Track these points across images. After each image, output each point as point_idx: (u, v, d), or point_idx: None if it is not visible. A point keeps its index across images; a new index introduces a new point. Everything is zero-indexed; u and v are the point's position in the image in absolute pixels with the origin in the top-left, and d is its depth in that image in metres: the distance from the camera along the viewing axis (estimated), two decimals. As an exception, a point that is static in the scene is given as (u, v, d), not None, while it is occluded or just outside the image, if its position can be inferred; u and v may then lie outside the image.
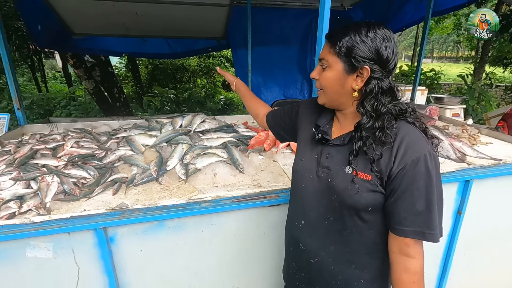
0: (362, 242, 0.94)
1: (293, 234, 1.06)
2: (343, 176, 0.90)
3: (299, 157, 1.03)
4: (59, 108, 6.45)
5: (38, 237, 1.11)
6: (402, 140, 0.85)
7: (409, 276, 0.87)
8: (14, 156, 1.53)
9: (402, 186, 0.83)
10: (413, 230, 0.83)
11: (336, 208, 0.92)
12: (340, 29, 0.87)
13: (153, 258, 1.28)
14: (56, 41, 3.33)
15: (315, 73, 0.95)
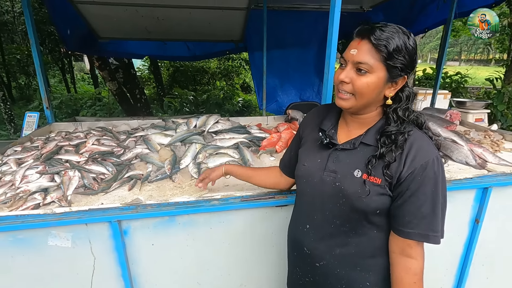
0: (368, 244, 0.95)
1: (297, 239, 1.06)
2: (352, 180, 0.90)
3: (301, 162, 1.03)
4: (85, 108, 6.79)
5: (59, 227, 1.19)
6: (411, 145, 0.87)
7: (409, 276, 0.89)
8: (41, 152, 1.65)
9: (410, 190, 0.85)
10: (417, 232, 0.85)
11: (344, 211, 0.92)
12: (384, 31, 0.81)
13: (164, 252, 1.33)
14: (84, 44, 3.53)
15: (344, 76, 0.86)
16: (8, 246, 1.18)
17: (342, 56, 0.90)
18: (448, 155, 1.95)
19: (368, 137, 0.92)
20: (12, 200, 1.32)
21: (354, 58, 0.84)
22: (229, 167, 1.33)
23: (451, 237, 1.65)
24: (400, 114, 0.88)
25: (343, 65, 0.89)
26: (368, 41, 0.82)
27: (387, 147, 0.86)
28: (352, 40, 0.88)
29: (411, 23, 4.08)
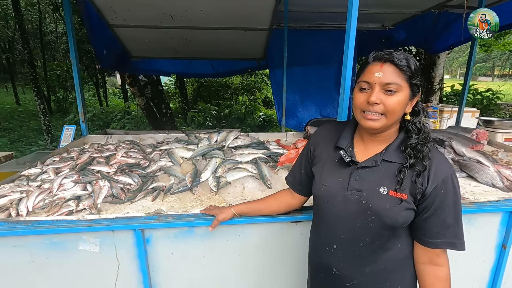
0: (394, 258, 0.99)
1: (323, 261, 1.07)
2: (379, 197, 0.93)
3: (321, 182, 1.04)
4: (115, 121, 7.21)
5: (89, 233, 1.29)
6: (431, 161, 0.92)
7: (441, 283, 0.95)
8: (76, 162, 1.80)
9: (435, 203, 0.91)
10: (445, 241, 0.93)
11: (374, 228, 0.95)
12: (399, 54, 0.89)
13: (182, 262, 1.39)
14: (118, 63, 3.82)
15: (375, 98, 0.89)
16: (44, 248, 1.29)
17: (360, 80, 0.94)
18: (473, 176, 1.89)
19: (388, 154, 0.96)
20: (49, 206, 1.45)
21: (381, 80, 0.89)
22: (238, 209, 1.29)
23: (476, 262, 1.58)
24: (418, 126, 0.96)
25: (366, 89, 0.92)
26: (391, 64, 0.89)
27: (415, 158, 0.91)
28: (369, 65, 0.92)
29: (435, 40, 4.04)
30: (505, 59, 32.91)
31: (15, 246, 1.28)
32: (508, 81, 27.63)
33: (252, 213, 1.32)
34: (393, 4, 3.25)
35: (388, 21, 3.89)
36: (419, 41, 4.24)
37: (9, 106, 15.02)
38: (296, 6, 3.18)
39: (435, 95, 5.75)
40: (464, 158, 2.06)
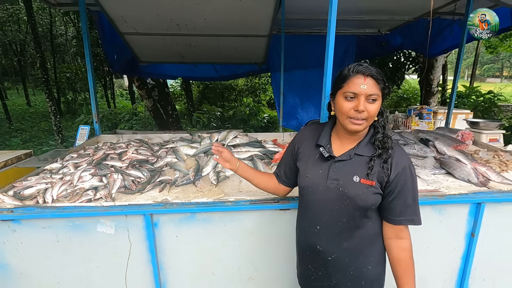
0: (367, 234, 1.19)
1: (309, 240, 1.26)
2: (352, 185, 1.13)
3: (305, 174, 1.23)
4: (123, 122, 7.48)
5: (106, 216, 1.51)
6: (393, 153, 1.14)
7: (405, 253, 1.16)
8: (92, 158, 2.02)
9: (397, 188, 1.12)
10: (406, 218, 1.14)
11: (349, 210, 1.15)
12: (374, 68, 1.08)
13: (185, 244, 1.60)
14: (127, 67, 4.07)
15: (363, 107, 1.06)
16: (68, 229, 1.51)
17: (346, 91, 1.09)
18: (451, 172, 2.06)
19: (360, 149, 1.17)
20: (71, 195, 1.68)
21: (366, 92, 1.06)
22: (242, 163, 1.46)
23: (448, 248, 1.75)
24: (383, 123, 1.18)
25: (351, 98, 1.09)
26: (371, 77, 1.08)
27: (382, 148, 1.13)
28: (352, 77, 1.09)
29: (430, 45, 4.20)
30: (513, 60, 32.56)
31: (43, 227, 1.50)
32: (516, 83, 27.40)
33: (247, 171, 1.46)
34: (387, 12, 3.43)
35: (384, 27, 4.07)
36: (414, 45, 4.40)
37: (21, 107, 15.49)
38: (293, 14, 3.38)
39: (434, 97, 5.88)
40: (444, 157, 2.24)
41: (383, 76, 1.10)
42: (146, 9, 2.85)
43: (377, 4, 3.21)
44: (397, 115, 4.21)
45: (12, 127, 10.65)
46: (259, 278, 1.71)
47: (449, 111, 3.06)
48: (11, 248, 1.51)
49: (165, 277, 1.65)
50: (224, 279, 1.69)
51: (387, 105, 10.66)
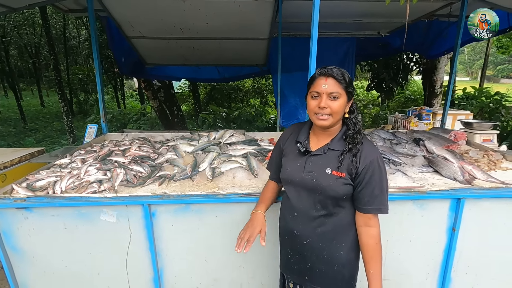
0: (339, 223, 1.30)
1: (288, 226, 1.39)
2: (325, 176, 1.25)
3: (285, 168, 1.38)
4: (132, 122, 7.72)
5: (108, 206, 1.66)
6: (362, 148, 1.25)
7: (373, 240, 1.25)
8: (98, 154, 2.18)
9: (365, 179, 1.22)
10: (374, 207, 1.23)
11: (322, 199, 1.27)
12: (337, 70, 1.20)
13: (181, 233, 1.74)
14: (134, 69, 4.26)
15: (324, 104, 1.19)
16: (74, 217, 1.67)
17: (311, 91, 1.25)
18: (438, 170, 2.14)
19: (333, 144, 1.29)
20: (78, 187, 1.83)
21: (327, 91, 1.20)
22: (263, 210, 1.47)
23: (429, 242, 1.84)
24: (354, 121, 1.29)
25: (316, 97, 1.24)
26: (332, 78, 1.21)
27: (352, 144, 1.24)
28: (316, 79, 1.24)
29: (429, 47, 4.25)
30: (528, 61, 31.71)
31: (52, 215, 1.66)
32: (530, 84, 26.68)
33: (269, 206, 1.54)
34: (384, 15, 3.51)
35: (383, 29, 4.14)
36: (414, 47, 4.46)
37: (35, 107, 16.03)
38: (292, 17, 3.50)
39: (437, 98, 5.89)
40: (433, 155, 2.32)
41: (348, 77, 1.22)
42: (150, 15, 3.02)
43: (373, 8, 3.29)
44: (396, 115, 4.26)
45: (26, 126, 11.06)
46: (249, 266, 1.83)
47: (444, 112, 3.12)
48: (24, 234, 1.68)
49: (162, 263, 1.79)
50: (217, 267, 1.82)
51: (394, 106, 10.62)
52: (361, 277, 1.36)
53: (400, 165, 2.22)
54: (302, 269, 1.36)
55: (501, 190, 1.78)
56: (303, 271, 1.36)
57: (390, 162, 2.24)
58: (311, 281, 1.34)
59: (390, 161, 2.25)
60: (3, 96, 18.27)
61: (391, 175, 2.05)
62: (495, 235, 1.84)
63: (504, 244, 1.85)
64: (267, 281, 1.86)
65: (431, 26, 3.92)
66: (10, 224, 1.65)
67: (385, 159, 2.24)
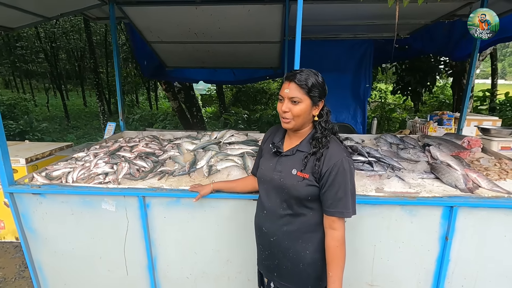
0: (306, 223, 1.32)
1: (258, 222, 1.46)
2: (290, 176, 1.29)
3: (260, 167, 1.45)
4: (159, 122, 8.15)
5: (108, 196, 1.83)
6: (328, 150, 1.26)
7: (334, 242, 1.25)
8: (109, 149, 2.39)
9: (328, 182, 1.23)
10: (337, 211, 1.23)
11: (287, 199, 1.31)
12: (302, 75, 1.21)
13: (172, 224, 1.86)
14: (156, 72, 4.54)
15: (285, 107, 1.24)
16: (80, 205, 1.86)
17: (279, 94, 1.30)
18: (439, 177, 2.06)
19: (301, 146, 1.32)
20: (87, 178, 2.04)
21: (288, 95, 1.24)
22: (216, 185, 1.74)
23: (421, 250, 1.78)
24: (323, 124, 1.30)
25: (281, 100, 1.28)
26: (294, 83, 1.24)
27: (317, 147, 1.26)
28: (283, 83, 1.29)
29: (454, 48, 4.03)
30: None
31: (62, 201, 1.87)
32: None
33: (227, 189, 1.75)
34: (401, 16, 3.39)
35: (402, 31, 3.99)
36: (437, 49, 4.24)
37: (78, 107, 17.44)
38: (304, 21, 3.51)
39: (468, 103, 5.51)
40: (436, 162, 2.22)
41: (315, 81, 1.23)
42: (167, 21, 3.22)
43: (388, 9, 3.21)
44: (415, 120, 4.09)
45: (69, 124, 12.10)
46: (236, 261, 1.90)
47: (461, 116, 2.95)
48: (38, 217, 1.91)
49: (156, 252, 1.93)
50: (205, 259, 1.92)
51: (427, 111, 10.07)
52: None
53: (399, 170, 2.17)
54: (271, 265, 1.41)
55: (499, 200, 1.68)
56: (272, 267, 1.41)
57: (389, 166, 2.19)
58: (279, 277, 1.39)
59: (389, 165, 2.20)
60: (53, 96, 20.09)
61: (386, 179, 2.02)
62: (495, 248, 1.73)
63: (504, 257, 1.74)
64: (254, 277, 1.91)
65: (454, 26, 3.71)
66: (28, 207, 1.89)
67: (384, 164, 2.19)
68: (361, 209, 1.73)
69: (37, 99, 16.84)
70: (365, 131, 4.62)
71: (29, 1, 2.60)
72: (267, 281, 1.48)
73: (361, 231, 1.77)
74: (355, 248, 1.79)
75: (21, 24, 3.03)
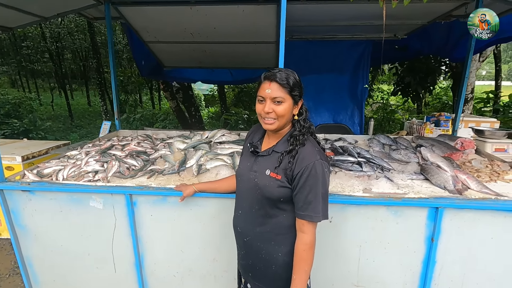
0: (278, 225, 1.30)
1: (235, 222, 1.46)
2: (263, 177, 1.29)
3: (239, 166, 1.44)
4: (159, 121, 8.19)
5: (96, 193, 1.85)
6: (301, 152, 1.25)
7: (302, 245, 1.24)
8: (100, 147, 2.42)
9: (299, 184, 1.21)
10: (306, 214, 1.21)
11: (260, 199, 1.30)
12: (282, 74, 1.19)
13: (159, 222, 1.87)
14: (154, 72, 4.57)
15: (268, 108, 1.21)
16: (69, 202, 1.88)
17: (258, 95, 1.26)
18: (429, 178, 2.04)
19: (277, 146, 1.32)
20: (77, 176, 2.06)
21: (271, 95, 1.21)
22: (198, 186, 1.73)
23: (406, 251, 1.77)
24: (302, 123, 1.30)
25: (262, 101, 1.25)
26: (276, 82, 1.22)
27: (293, 144, 1.25)
28: (262, 83, 1.25)
29: (452, 49, 4.00)
30: None
31: (51, 199, 1.89)
32: None
33: (209, 190, 1.75)
34: (397, 16, 3.38)
35: (400, 31, 3.97)
36: (435, 50, 4.21)
37: (82, 106, 17.60)
38: (300, 21, 3.52)
39: (468, 104, 5.45)
40: (427, 163, 2.21)
41: (295, 79, 1.22)
42: (163, 21, 3.24)
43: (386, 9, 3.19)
44: (412, 121, 4.06)
45: (73, 123, 12.22)
46: (222, 260, 1.91)
47: (456, 117, 2.93)
48: (28, 214, 1.93)
49: (143, 249, 1.94)
50: (192, 258, 1.93)
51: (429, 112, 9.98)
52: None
53: (389, 171, 2.16)
54: (246, 265, 1.41)
55: (486, 202, 1.67)
56: (247, 267, 1.41)
57: (378, 167, 2.18)
58: (253, 278, 1.39)
59: (379, 166, 2.19)
60: (58, 95, 20.32)
61: (374, 180, 2.01)
62: (481, 250, 1.72)
63: (491, 260, 1.72)
64: (240, 276, 1.92)
65: (452, 27, 3.68)
66: (17, 204, 1.92)
67: (373, 164, 2.18)
68: (346, 209, 1.73)
69: (42, 98, 17.02)
70: (362, 132, 4.60)
71: (26, 1, 2.64)
72: (244, 281, 1.48)
73: (346, 232, 1.76)
74: (340, 248, 1.79)
75: (20, 23, 3.07)
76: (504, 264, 1.72)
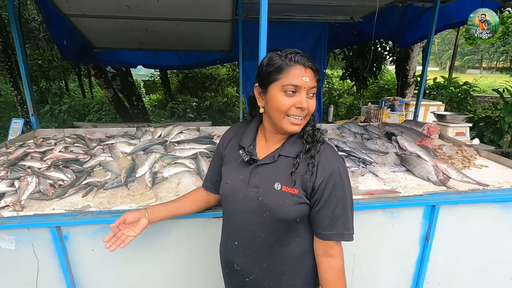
0: (292, 252, 0.99)
1: (227, 257, 1.09)
2: (273, 193, 0.94)
3: (225, 181, 1.05)
4: (92, 113, 7.08)
5: (3, 230, 1.28)
6: (320, 156, 0.94)
7: (333, 273, 0.97)
8: (7, 157, 1.76)
9: (324, 196, 0.92)
10: (335, 233, 0.95)
11: (268, 224, 0.96)
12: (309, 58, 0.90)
13: (104, 258, 1.40)
14: (80, 54, 3.73)
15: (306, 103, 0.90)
16: (-43, 246, 1.28)
17: (286, 83, 0.88)
18: (411, 170, 1.93)
19: (285, 149, 0.98)
20: (-29, 203, 1.43)
21: (309, 85, 0.89)
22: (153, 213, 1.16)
23: (401, 254, 1.63)
24: (313, 116, 1.01)
25: (293, 92, 0.89)
26: (310, 69, 0.90)
27: (311, 143, 0.95)
28: (291, 67, 0.88)
29: (403, 34, 4.06)
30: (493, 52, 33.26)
31: None
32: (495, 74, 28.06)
33: (168, 215, 1.20)
34: (355, -3, 3.23)
35: (357, 14, 3.87)
36: (388, 34, 4.25)
37: (-11, 96, 14.58)
38: (258, -3, 3.13)
39: (410, 88, 5.81)
40: (406, 153, 2.10)
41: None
42: (88, -13, 2.54)
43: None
44: (369, 106, 4.08)
45: (-23, 118, 9.98)
46: (194, 292, 1.53)
47: (417, 103, 2.93)
48: None
49: (84, 295, 1.45)
50: (155, 296, 1.50)
51: (368, 96, 10.61)
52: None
53: (371, 164, 1.99)
54: None
55: (477, 193, 1.59)
56: None
57: (360, 161, 2.00)
58: None
59: (360, 160, 2.01)
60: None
61: (360, 176, 1.81)
62: (470, 242, 1.66)
63: (479, 251, 1.68)
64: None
65: (406, 11, 3.70)
66: None
67: (355, 158, 2.00)
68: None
69: None
70: (321, 118, 4.51)
71: None
72: None
73: (340, 242, 1.53)
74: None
75: None
76: (491, 254, 1.69)
